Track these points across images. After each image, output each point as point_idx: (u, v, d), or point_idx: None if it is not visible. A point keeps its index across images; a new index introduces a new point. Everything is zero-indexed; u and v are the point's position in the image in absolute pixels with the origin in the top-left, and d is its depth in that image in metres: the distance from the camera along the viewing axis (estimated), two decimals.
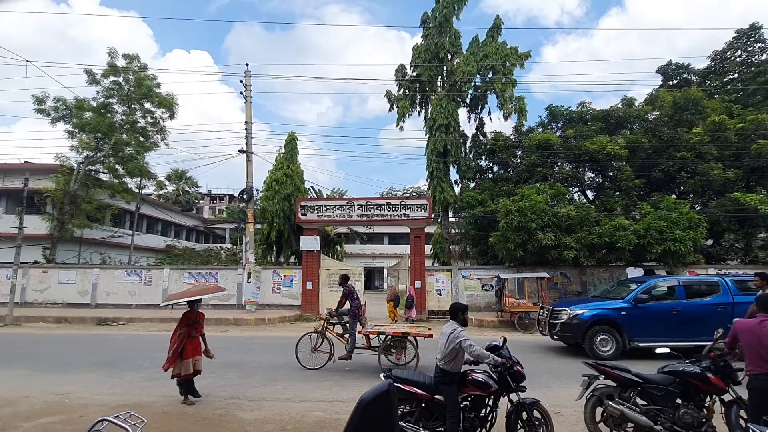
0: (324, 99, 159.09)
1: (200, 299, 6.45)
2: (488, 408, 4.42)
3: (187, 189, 44.46)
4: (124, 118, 21.78)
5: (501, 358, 4.30)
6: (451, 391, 4.28)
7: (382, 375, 4.62)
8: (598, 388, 4.75)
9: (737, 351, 4.23)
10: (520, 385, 4.36)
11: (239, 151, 17.03)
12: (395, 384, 4.40)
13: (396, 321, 14.56)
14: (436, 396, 4.33)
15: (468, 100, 21.96)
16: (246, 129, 17.35)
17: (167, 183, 41.85)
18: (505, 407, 4.44)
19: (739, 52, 26.52)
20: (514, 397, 4.38)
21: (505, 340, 4.81)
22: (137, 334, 12.93)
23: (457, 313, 4.41)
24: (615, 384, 4.73)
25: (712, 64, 26.97)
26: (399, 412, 4.59)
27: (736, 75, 26.68)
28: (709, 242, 17.55)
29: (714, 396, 4.46)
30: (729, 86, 26.28)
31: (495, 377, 4.37)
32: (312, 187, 23.97)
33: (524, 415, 4.34)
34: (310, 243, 17.23)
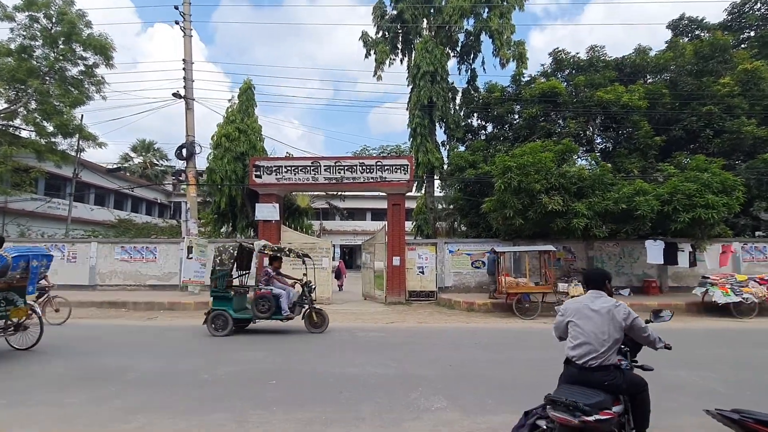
0: (313, 79, 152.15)
1: None
2: None
3: (155, 161, 41.09)
4: (47, 62, 18.07)
5: None
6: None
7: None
8: None
9: None
10: None
11: (174, 95, 13.63)
12: None
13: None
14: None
15: (459, 48, 18.78)
16: (184, 69, 13.93)
17: (133, 154, 39.46)
18: None
19: (759, 4, 23.76)
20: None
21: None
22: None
23: (604, 281, 3.11)
24: None
25: (729, 18, 24.15)
26: None
27: (753, 32, 24.02)
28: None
29: None
30: (745, 44, 23.65)
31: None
32: (288, 152, 20.67)
33: None
34: (267, 211, 14.31)
